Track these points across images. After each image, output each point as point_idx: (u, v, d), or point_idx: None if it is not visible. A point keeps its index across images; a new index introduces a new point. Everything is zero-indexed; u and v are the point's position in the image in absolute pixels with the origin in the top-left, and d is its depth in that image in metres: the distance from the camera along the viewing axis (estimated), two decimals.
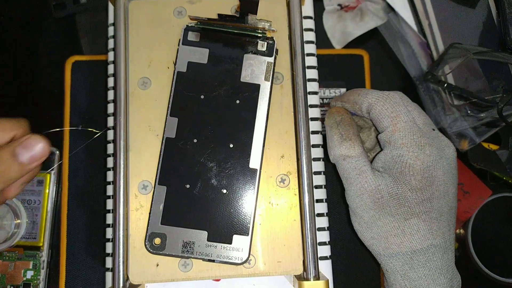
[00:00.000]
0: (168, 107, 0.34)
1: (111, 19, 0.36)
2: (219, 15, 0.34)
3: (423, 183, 0.30)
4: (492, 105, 0.41)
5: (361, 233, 0.32)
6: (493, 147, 0.43)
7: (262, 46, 0.34)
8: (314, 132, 0.35)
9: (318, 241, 0.33)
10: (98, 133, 0.36)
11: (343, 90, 0.45)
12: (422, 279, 0.30)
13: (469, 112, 0.43)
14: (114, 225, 0.32)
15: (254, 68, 0.34)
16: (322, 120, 0.36)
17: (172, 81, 0.34)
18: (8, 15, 0.47)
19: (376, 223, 0.31)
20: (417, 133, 0.31)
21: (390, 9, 0.46)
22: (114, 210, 0.32)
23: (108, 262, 0.33)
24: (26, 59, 0.46)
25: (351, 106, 0.34)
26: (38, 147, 0.28)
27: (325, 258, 0.34)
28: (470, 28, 0.43)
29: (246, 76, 0.34)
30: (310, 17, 0.37)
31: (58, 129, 0.42)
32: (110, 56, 0.36)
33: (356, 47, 0.46)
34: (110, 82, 0.36)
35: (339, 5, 0.47)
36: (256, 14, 0.33)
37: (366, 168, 0.31)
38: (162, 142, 0.33)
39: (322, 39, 0.46)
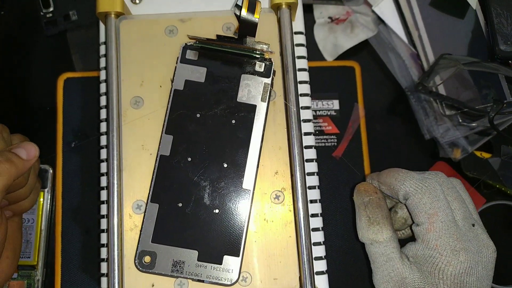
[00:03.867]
0: (163, 124, 0.34)
1: (102, 38, 0.36)
2: (217, 36, 0.34)
3: None
4: (483, 114, 0.41)
5: None
6: (486, 155, 0.44)
7: (259, 66, 0.34)
8: (307, 147, 0.35)
9: (314, 256, 0.33)
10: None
11: (335, 101, 0.45)
12: None
13: (460, 121, 0.43)
14: (108, 245, 0.32)
15: (251, 89, 0.34)
16: (315, 134, 0.36)
17: (169, 99, 0.34)
18: None
19: None
20: (454, 235, 0.30)
21: (380, 21, 0.46)
22: (108, 230, 0.32)
23: (103, 282, 0.33)
24: (18, 77, 0.46)
25: (387, 189, 0.33)
26: (30, 146, 0.33)
27: (321, 273, 0.34)
28: (460, 39, 0.43)
29: (243, 96, 0.34)
30: (301, 33, 0.37)
31: None
32: (102, 74, 0.36)
33: (347, 59, 0.46)
34: (103, 100, 0.36)
35: (330, 17, 0.47)
36: (254, 37, 0.33)
37: (394, 256, 0.31)
38: (156, 159, 0.33)
39: (313, 51, 0.46)
